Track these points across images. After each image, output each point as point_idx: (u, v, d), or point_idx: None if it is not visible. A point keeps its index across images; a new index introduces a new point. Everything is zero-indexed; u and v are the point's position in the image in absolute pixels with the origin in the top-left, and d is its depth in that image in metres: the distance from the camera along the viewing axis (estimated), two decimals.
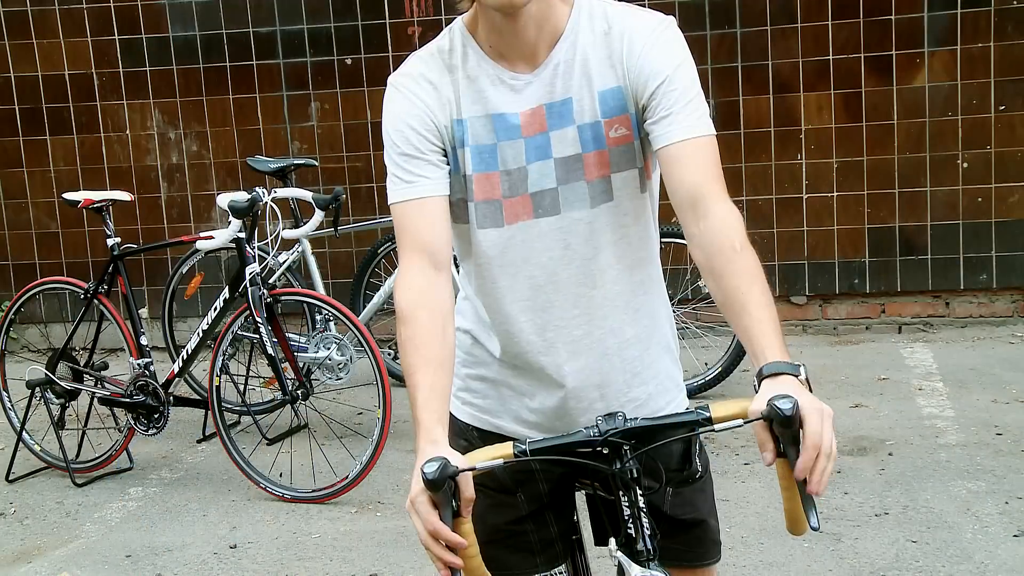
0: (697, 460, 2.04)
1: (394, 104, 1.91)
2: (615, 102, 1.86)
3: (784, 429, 1.58)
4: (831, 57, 6.20)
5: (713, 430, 1.65)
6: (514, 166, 1.88)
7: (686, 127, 1.81)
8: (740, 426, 1.65)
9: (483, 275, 1.95)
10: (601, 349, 1.95)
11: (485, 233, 1.91)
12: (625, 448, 1.72)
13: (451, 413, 2.10)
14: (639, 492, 1.74)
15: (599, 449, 1.72)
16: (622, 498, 1.75)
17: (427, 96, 1.88)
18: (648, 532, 1.75)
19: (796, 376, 1.61)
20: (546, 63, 1.87)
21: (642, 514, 1.74)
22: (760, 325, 1.68)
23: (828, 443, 1.54)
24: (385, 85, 1.96)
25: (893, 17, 6.12)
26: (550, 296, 1.92)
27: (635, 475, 1.73)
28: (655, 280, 2.00)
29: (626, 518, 1.75)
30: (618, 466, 1.72)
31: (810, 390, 1.61)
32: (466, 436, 2.06)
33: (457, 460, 1.65)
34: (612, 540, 1.82)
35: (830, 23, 6.17)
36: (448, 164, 1.89)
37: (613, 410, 1.75)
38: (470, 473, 1.64)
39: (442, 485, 1.59)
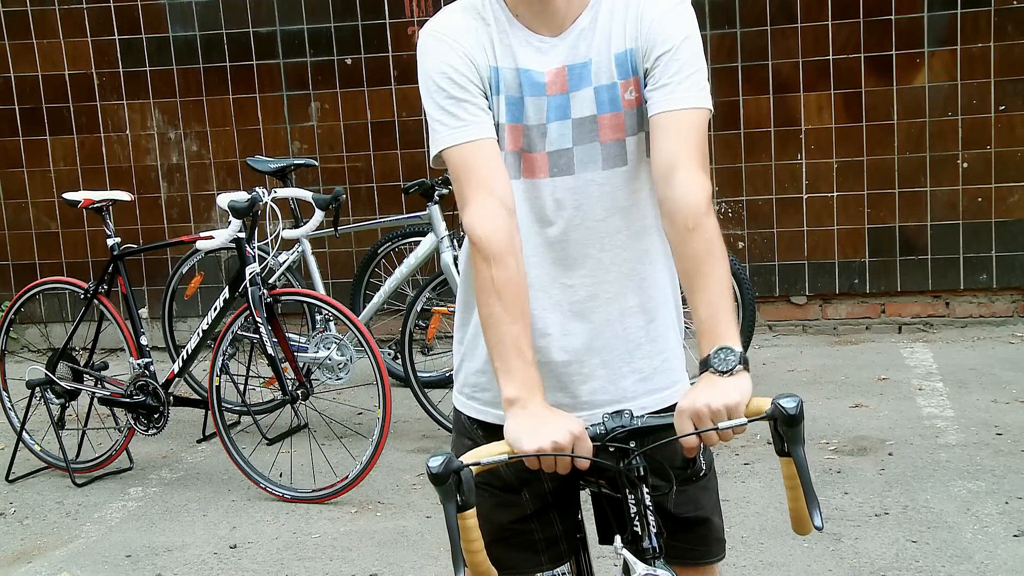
0: (701, 457, 2.03)
1: (434, 51, 1.92)
2: (628, 65, 1.91)
3: (788, 428, 1.59)
4: (831, 57, 6.20)
5: (717, 428, 1.65)
6: (535, 122, 1.92)
7: (683, 98, 1.86)
8: (744, 424, 1.66)
9: None
10: (604, 314, 1.97)
11: (513, 184, 1.92)
12: (632, 445, 1.72)
13: (456, 409, 2.11)
14: (646, 490, 1.74)
15: (607, 446, 1.72)
16: (628, 496, 1.74)
17: (467, 41, 1.91)
18: (655, 530, 1.75)
19: (721, 371, 1.69)
20: (571, 29, 1.92)
21: (648, 512, 1.74)
22: (697, 311, 1.78)
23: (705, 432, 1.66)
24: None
25: (893, 17, 6.12)
26: (559, 255, 1.95)
27: (642, 473, 1.73)
28: (659, 252, 2.01)
29: (632, 516, 1.75)
30: (624, 463, 1.72)
31: (746, 367, 1.70)
32: (470, 435, 2.06)
33: (462, 455, 1.66)
34: (617, 538, 1.82)
35: (830, 23, 6.18)
36: (491, 109, 1.92)
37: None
38: (473, 468, 1.65)
39: (446, 479, 1.59)
